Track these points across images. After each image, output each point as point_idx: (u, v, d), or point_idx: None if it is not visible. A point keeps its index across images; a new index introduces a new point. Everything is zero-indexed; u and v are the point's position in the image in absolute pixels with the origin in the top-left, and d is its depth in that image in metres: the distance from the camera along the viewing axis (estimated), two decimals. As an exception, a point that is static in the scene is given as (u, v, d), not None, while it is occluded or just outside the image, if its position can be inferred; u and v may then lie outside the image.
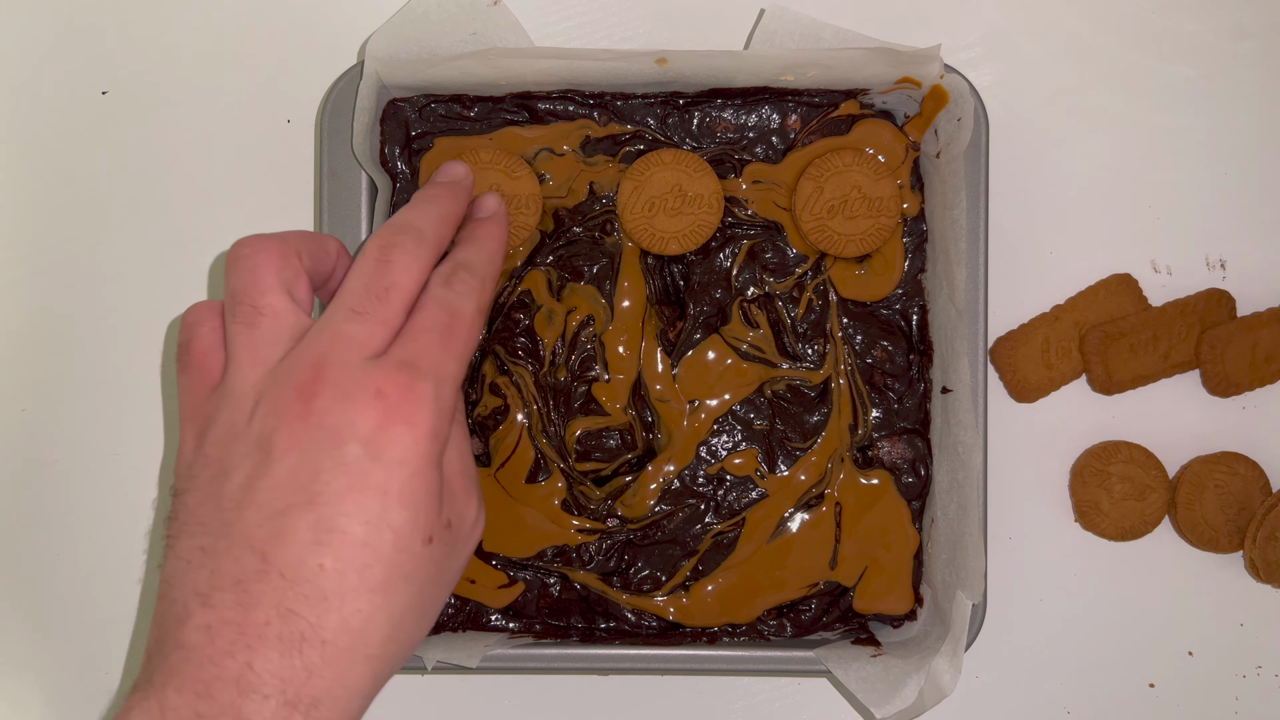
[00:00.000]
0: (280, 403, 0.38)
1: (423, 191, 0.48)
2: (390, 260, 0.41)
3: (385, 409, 0.37)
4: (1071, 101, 0.60)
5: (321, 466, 0.36)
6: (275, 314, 0.40)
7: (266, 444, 0.37)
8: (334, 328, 0.39)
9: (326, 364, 0.38)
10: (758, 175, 0.55)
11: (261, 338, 0.40)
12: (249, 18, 0.60)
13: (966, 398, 0.52)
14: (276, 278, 0.41)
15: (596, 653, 0.53)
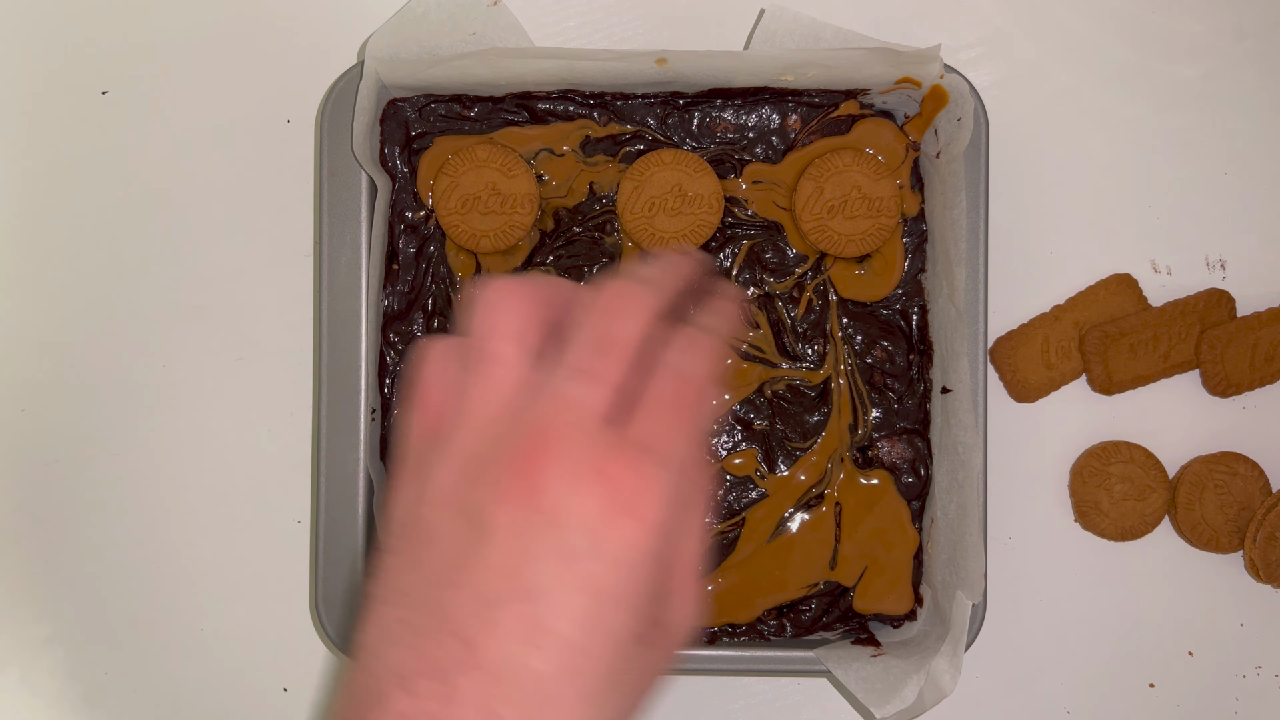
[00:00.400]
0: (500, 474, 0.34)
1: (655, 259, 0.42)
2: (616, 311, 0.37)
3: (612, 496, 0.33)
4: (1071, 101, 0.60)
5: (538, 554, 0.33)
6: (506, 363, 0.36)
7: (481, 519, 0.34)
8: (557, 389, 0.35)
9: (551, 434, 0.34)
10: (758, 175, 0.55)
11: (491, 389, 0.36)
12: (249, 18, 0.60)
13: (966, 398, 0.52)
14: (515, 323, 0.37)
15: (596, 653, 0.53)
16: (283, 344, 0.60)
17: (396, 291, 0.55)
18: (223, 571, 0.60)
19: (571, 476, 0.33)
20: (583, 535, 0.33)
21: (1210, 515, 0.58)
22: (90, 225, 0.60)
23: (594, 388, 0.35)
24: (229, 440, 0.60)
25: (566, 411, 0.34)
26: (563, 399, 0.35)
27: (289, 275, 0.60)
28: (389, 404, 0.55)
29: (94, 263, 0.60)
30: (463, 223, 0.54)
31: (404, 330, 0.55)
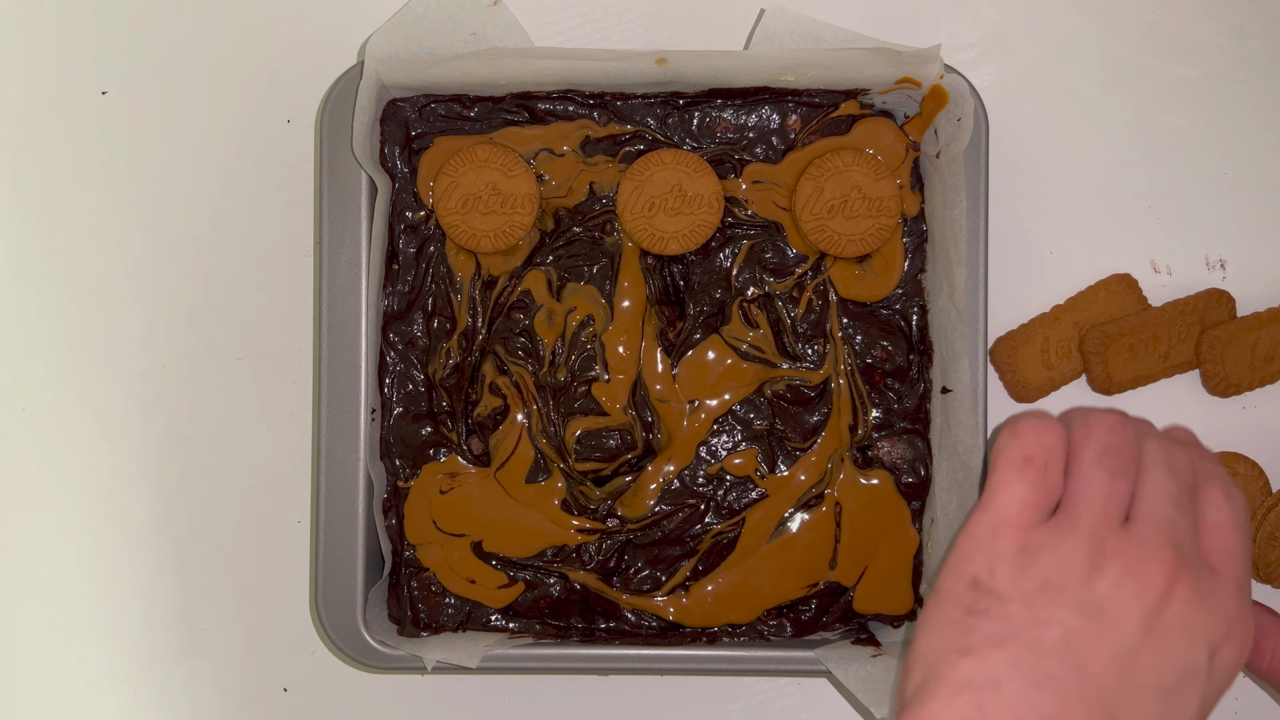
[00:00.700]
0: (1143, 576, 0.36)
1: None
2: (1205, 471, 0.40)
3: (1229, 624, 0.37)
4: (1071, 101, 0.60)
5: (1176, 662, 0.36)
6: (1130, 477, 0.39)
7: (1119, 611, 0.36)
8: (1165, 514, 0.38)
9: (1181, 554, 0.37)
10: (758, 175, 0.55)
11: (1122, 494, 0.38)
12: (249, 18, 0.60)
13: (966, 398, 0.52)
14: (1136, 441, 0.40)
15: (596, 653, 0.53)
16: (283, 344, 0.60)
17: (396, 291, 0.55)
18: (222, 571, 0.60)
19: (1205, 601, 0.37)
20: (1208, 654, 0.37)
21: (1264, 547, 0.57)
22: (90, 225, 0.60)
23: (1188, 518, 0.38)
24: (229, 440, 0.60)
25: (1181, 537, 0.38)
26: (1173, 523, 0.38)
27: (289, 275, 0.60)
28: (389, 404, 0.55)
29: (94, 263, 0.60)
30: (463, 222, 0.54)
31: (404, 330, 0.55)
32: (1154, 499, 0.38)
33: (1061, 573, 0.36)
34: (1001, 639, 0.35)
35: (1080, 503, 0.38)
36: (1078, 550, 0.36)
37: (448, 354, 0.55)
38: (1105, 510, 0.37)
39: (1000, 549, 0.37)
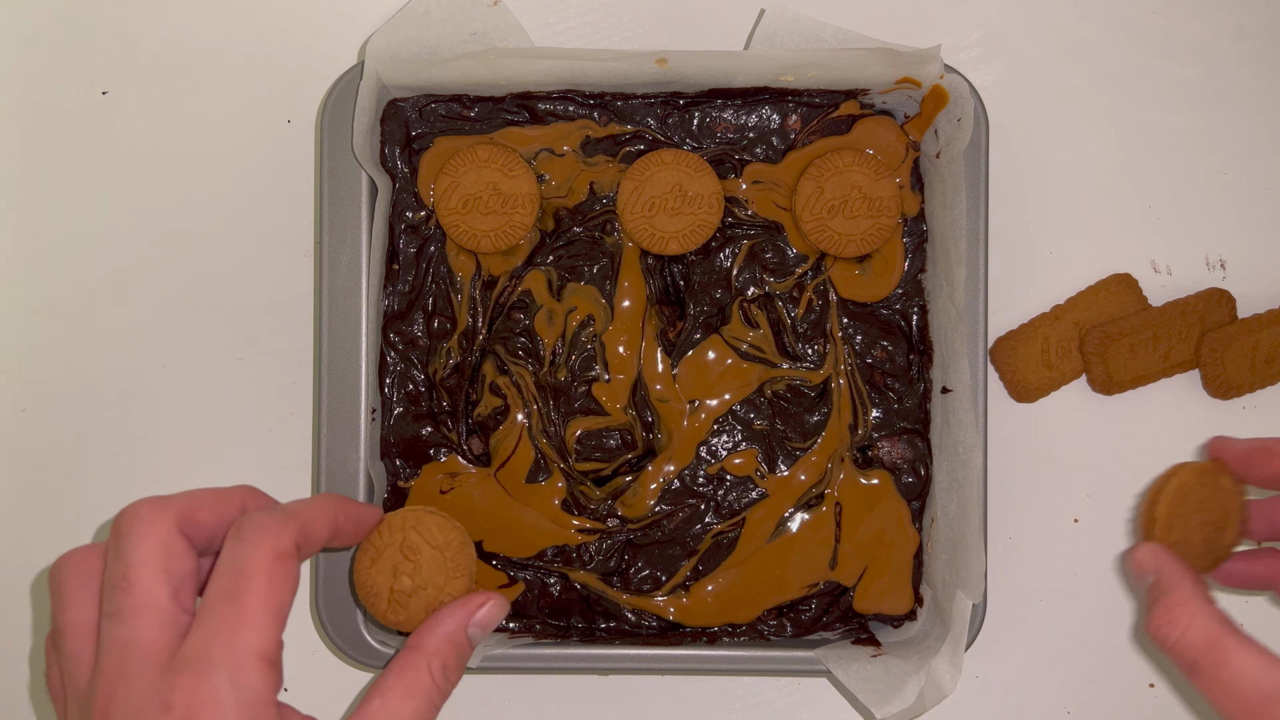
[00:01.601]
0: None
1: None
2: (120, 536, 0.37)
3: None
4: (1071, 101, 0.60)
5: None
6: (74, 629, 0.37)
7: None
8: (105, 639, 0.36)
9: (114, 687, 0.35)
10: (758, 175, 0.55)
11: (69, 659, 0.37)
12: (249, 18, 0.60)
13: (966, 398, 0.52)
14: (78, 588, 0.38)
15: (596, 653, 0.53)
16: (283, 344, 0.60)
17: (396, 291, 0.55)
18: (223, 571, 0.60)
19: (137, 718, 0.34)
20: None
21: (1191, 535, 0.48)
22: (90, 225, 0.60)
23: (132, 623, 0.36)
24: (229, 440, 0.60)
25: (120, 657, 0.35)
26: (112, 646, 0.36)
27: (289, 275, 0.60)
28: (389, 404, 0.55)
29: (94, 263, 0.60)
30: (463, 222, 0.54)
31: (404, 330, 0.55)
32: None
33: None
34: None
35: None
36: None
37: (448, 354, 0.55)
38: None
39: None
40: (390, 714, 0.40)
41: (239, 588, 0.36)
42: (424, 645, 0.42)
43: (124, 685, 0.35)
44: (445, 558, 0.46)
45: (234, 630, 0.36)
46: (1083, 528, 0.59)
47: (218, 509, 0.39)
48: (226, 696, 0.35)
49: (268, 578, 0.37)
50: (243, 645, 0.35)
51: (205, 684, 0.34)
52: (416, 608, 0.46)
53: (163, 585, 0.36)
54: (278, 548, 0.37)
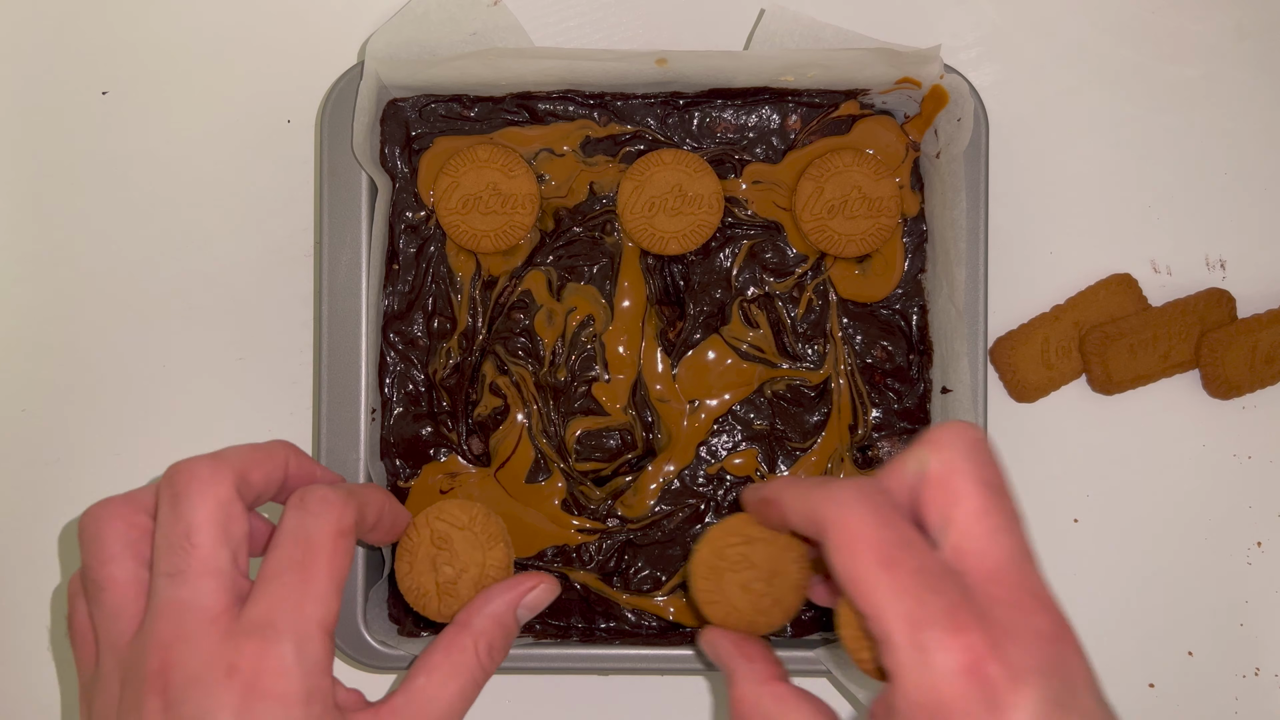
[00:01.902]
0: (138, 699, 0.35)
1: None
2: (178, 495, 0.37)
3: (244, 687, 0.34)
4: (1071, 101, 0.60)
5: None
6: (115, 585, 0.37)
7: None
8: (162, 599, 0.36)
9: (172, 647, 0.35)
10: (758, 175, 0.55)
11: (109, 615, 0.37)
12: (249, 18, 0.60)
13: (966, 398, 0.52)
14: (119, 543, 0.38)
15: (596, 653, 0.53)
16: (283, 344, 0.60)
17: (397, 291, 0.55)
18: (223, 571, 0.60)
19: (200, 683, 0.34)
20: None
21: (735, 599, 0.43)
22: (90, 225, 0.60)
23: (195, 584, 0.36)
24: (229, 440, 0.59)
25: (178, 619, 0.35)
26: (172, 606, 0.36)
27: (289, 275, 0.60)
28: (389, 404, 0.55)
29: (94, 263, 0.60)
30: (463, 222, 0.54)
31: (404, 330, 0.55)
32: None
33: None
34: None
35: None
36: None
37: (448, 354, 0.55)
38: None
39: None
40: (434, 692, 0.40)
41: (305, 558, 0.37)
42: (471, 624, 0.42)
43: (184, 646, 0.35)
44: (475, 533, 0.47)
45: (300, 599, 0.36)
46: (1083, 528, 0.59)
47: (266, 468, 0.40)
48: (292, 664, 0.35)
49: (331, 550, 0.38)
50: (308, 614, 0.36)
51: (272, 650, 0.35)
52: (465, 590, 0.47)
53: (225, 548, 0.37)
54: (341, 523, 0.38)
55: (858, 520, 0.34)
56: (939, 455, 0.35)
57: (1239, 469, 0.59)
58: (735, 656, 0.42)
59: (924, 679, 0.32)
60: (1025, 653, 0.32)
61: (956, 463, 0.35)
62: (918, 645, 0.32)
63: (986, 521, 0.34)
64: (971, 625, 0.32)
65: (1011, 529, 0.34)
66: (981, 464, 0.35)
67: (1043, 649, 0.32)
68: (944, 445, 0.35)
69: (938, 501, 0.35)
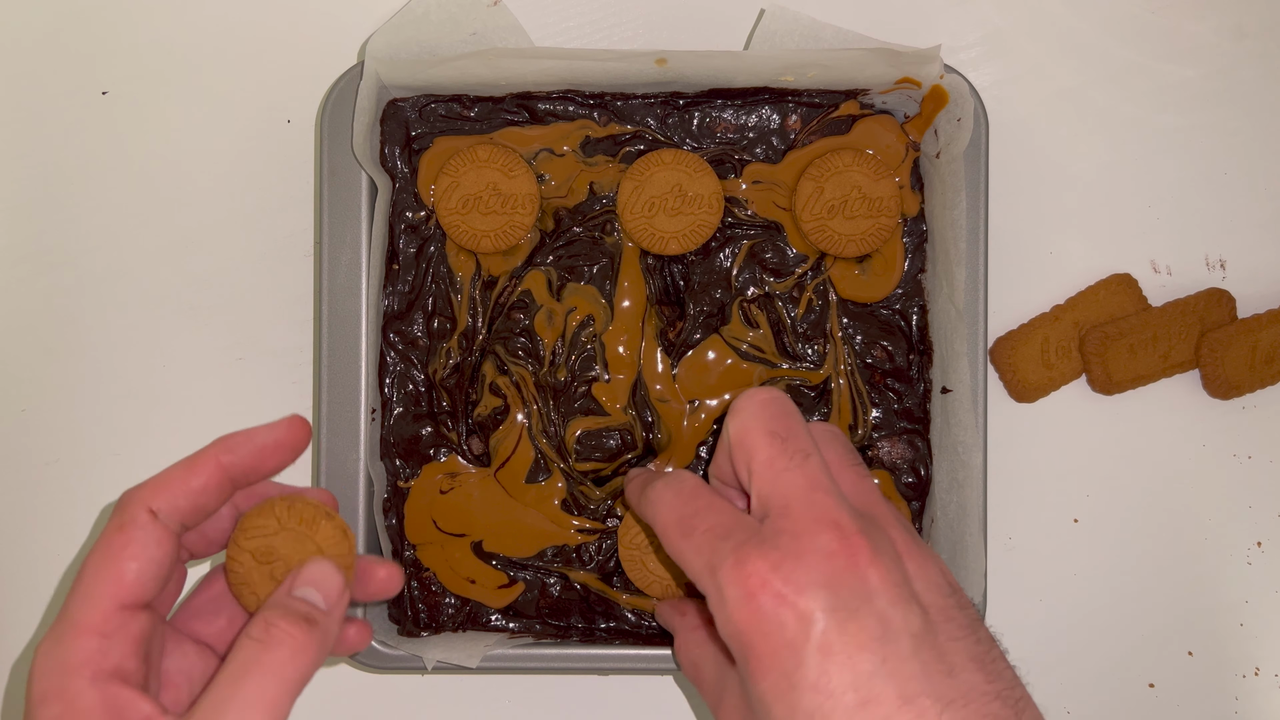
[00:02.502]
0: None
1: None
2: (55, 634, 0.36)
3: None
4: (1071, 101, 0.60)
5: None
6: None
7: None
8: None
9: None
10: (758, 175, 0.55)
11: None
12: (249, 18, 0.60)
13: (966, 398, 0.52)
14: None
15: (596, 653, 0.53)
16: (283, 344, 0.60)
17: (396, 291, 0.55)
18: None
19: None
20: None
21: (658, 571, 0.54)
22: (90, 225, 0.60)
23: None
24: (229, 440, 0.60)
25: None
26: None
27: (289, 275, 0.60)
28: (389, 404, 0.55)
29: (94, 262, 0.60)
30: (463, 222, 0.54)
31: (404, 330, 0.55)
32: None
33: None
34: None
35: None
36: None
37: (448, 354, 0.55)
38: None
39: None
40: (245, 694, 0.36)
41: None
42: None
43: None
44: (291, 528, 0.41)
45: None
46: (1082, 528, 0.59)
47: (186, 489, 0.38)
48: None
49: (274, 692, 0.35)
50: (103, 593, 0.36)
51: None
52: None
53: (93, 691, 0.35)
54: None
55: (664, 509, 0.39)
56: (735, 421, 0.39)
57: (1239, 469, 0.59)
58: (673, 615, 0.49)
59: (724, 612, 0.35)
60: (807, 570, 0.34)
61: (748, 423, 0.39)
62: (716, 586, 0.36)
63: (775, 465, 0.38)
64: (753, 557, 0.35)
65: (798, 467, 0.37)
66: (769, 418, 0.39)
67: (826, 563, 0.35)
68: (738, 410, 0.39)
69: (742, 460, 0.39)
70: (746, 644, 0.35)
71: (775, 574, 0.34)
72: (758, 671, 0.34)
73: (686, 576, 0.41)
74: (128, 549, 0.37)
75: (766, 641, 0.34)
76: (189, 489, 0.38)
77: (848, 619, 0.34)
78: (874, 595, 0.34)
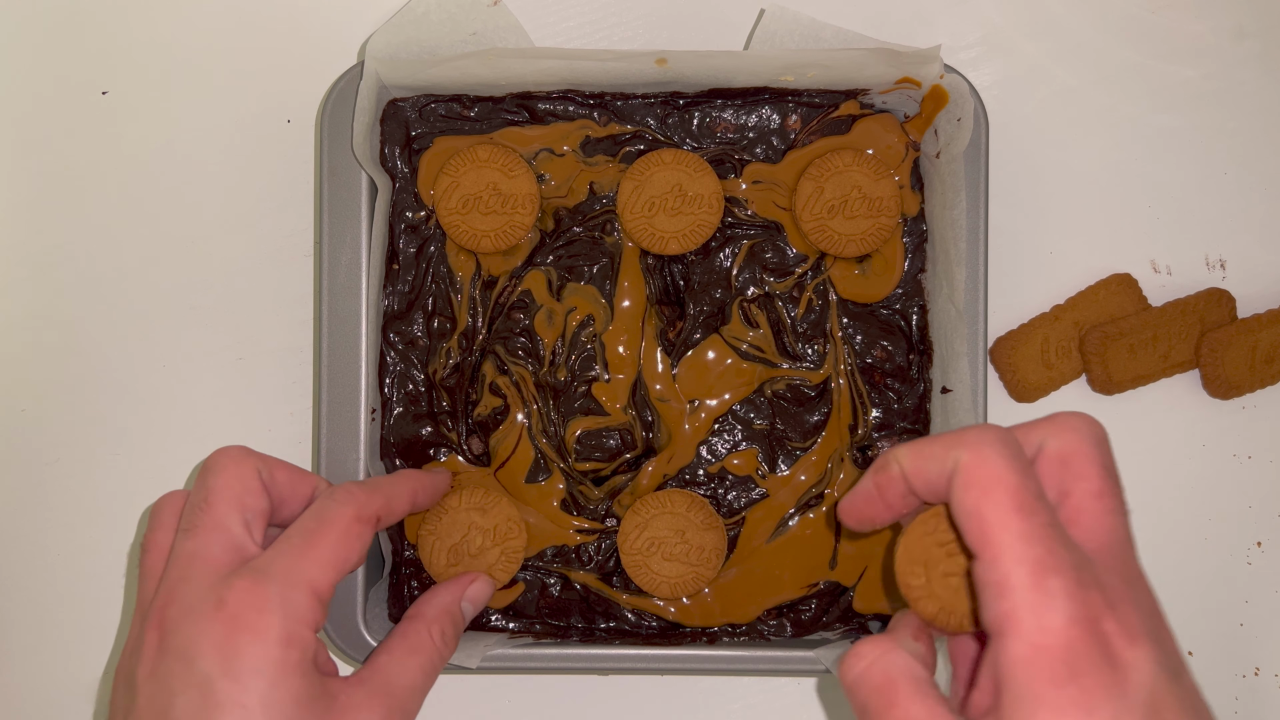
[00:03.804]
0: (141, 635, 0.39)
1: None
2: (205, 470, 0.43)
3: (229, 620, 0.37)
4: (1071, 101, 0.60)
5: (174, 690, 0.37)
6: (153, 548, 0.42)
7: (131, 680, 0.38)
8: (175, 551, 0.40)
9: (174, 589, 0.39)
10: (758, 175, 0.55)
11: (145, 575, 0.42)
12: (249, 18, 0.60)
13: (966, 398, 0.52)
14: (170, 514, 0.43)
15: (596, 653, 0.53)
16: (283, 344, 0.60)
17: (397, 291, 0.55)
18: (223, 571, 0.60)
19: (191, 614, 0.38)
20: (213, 661, 0.37)
21: (660, 568, 0.54)
22: (90, 225, 0.60)
23: (202, 538, 0.40)
24: (229, 440, 0.59)
25: (185, 565, 0.39)
26: (181, 555, 0.40)
27: (289, 275, 0.60)
28: (389, 404, 0.55)
29: (94, 263, 0.60)
30: (463, 222, 0.54)
31: (404, 330, 0.55)
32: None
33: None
34: None
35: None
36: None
37: (448, 354, 0.55)
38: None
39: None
40: (396, 667, 0.43)
41: (316, 529, 0.41)
42: (423, 613, 0.47)
43: (184, 587, 0.38)
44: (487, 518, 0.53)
45: (298, 558, 0.39)
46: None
47: (294, 478, 0.44)
48: (275, 606, 0.38)
49: (344, 530, 0.41)
50: (301, 571, 0.39)
51: (259, 589, 0.38)
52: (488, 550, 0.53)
53: (235, 512, 0.41)
54: (361, 511, 0.42)
55: (998, 462, 0.34)
56: (1063, 437, 0.36)
57: (1239, 469, 0.59)
58: (902, 619, 0.40)
59: (1045, 622, 0.31)
60: (1138, 618, 0.32)
61: (1080, 446, 0.35)
62: (1043, 590, 0.32)
63: (1102, 502, 0.35)
64: (1092, 584, 0.32)
65: (1123, 515, 0.35)
66: (1104, 452, 0.36)
67: (1151, 620, 0.33)
68: (1070, 428, 0.36)
69: (1056, 475, 0.35)
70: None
71: (1110, 612, 0.32)
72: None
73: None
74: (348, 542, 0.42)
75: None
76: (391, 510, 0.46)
77: (1170, 679, 0.32)
78: (1183, 667, 0.33)
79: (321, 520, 0.41)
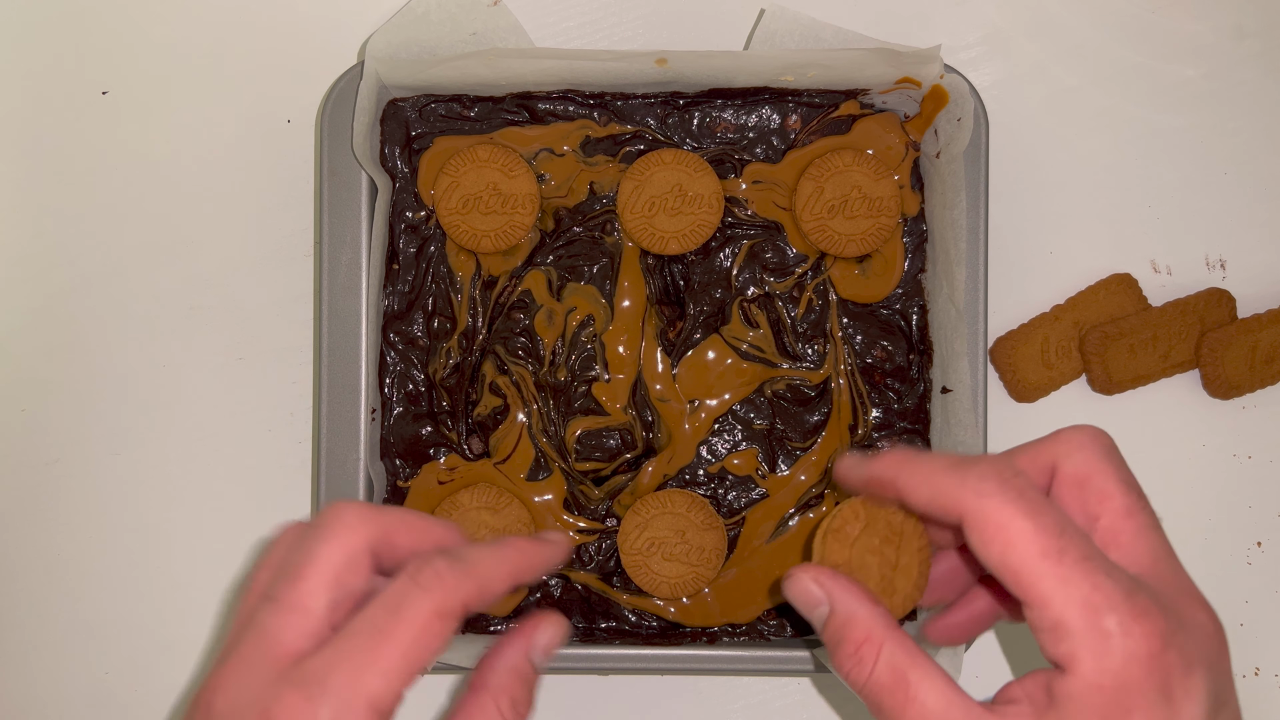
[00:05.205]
0: (193, 707, 0.35)
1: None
2: (315, 527, 0.36)
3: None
4: (1071, 101, 0.60)
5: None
6: (252, 593, 0.37)
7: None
8: (254, 618, 0.35)
9: (235, 669, 0.34)
10: (758, 175, 0.55)
11: (241, 612, 0.37)
12: (249, 18, 0.60)
13: (966, 398, 0.52)
14: (279, 552, 0.37)
15: (596, 653, 0.53)
16: (283, 344, 0.60)
17: (397, 291, 0.55)
18: (223, 572, 0.59)
19: (236, 715, 0.33)
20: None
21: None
22: (90, 225, 0.60)
23: (281, 616, 0.34)
24: (229, 440, 0.60)
25: (254, 642, 0.34)
26: (255, 628, 0.35)
27: (289, 275, 0.60)
28: (389, 404, 0.55)
29: (94, 263, 0.60)
30: (463, 222, 0.54)
31: (404, 330, 0.55)
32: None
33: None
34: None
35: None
36: None
37: (448, 354, 0.55)
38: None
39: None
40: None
41: (387, 626, 0.34)
42: (488, 684, 0.39)
43: (241, 671, 0.34)
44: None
45: (361, 667, 0.34)
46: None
47: (418, 539, 0.38)
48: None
49: (421, 629, 0.35)
50: (363, 685, 0.34)
51: (308, 709, 0.33)
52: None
53: (325, 592, 0.35)
54: (444, 605, 0.35)
55: (1007, 512, 0.33)
56: (1075, 457, 0.35)
57: (1239, 469, 0.59)
58: (858, 597, 0.37)
59: (1107, 663, 0.31)
60: (1195, 644, 0.32)
61: (1096, 463, 0.35)
62: (1099, 631, 0.31)
63: (1134, 520, 0.34)
64: (1153, 610, 0.32)
65: (1157, 528, 0.34)
66: (1120, 466, 0.35)
67: (1207, 643, 0.32)
68: (1079, 446, 0.35)
69: (1078, 499, 0.35)
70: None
71: (1172, 640, 0.32)
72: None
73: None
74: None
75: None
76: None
77: (1218, 707, 0.32)
78: (1230, 688, 0.33)
79: (395, 614, 0.35)
